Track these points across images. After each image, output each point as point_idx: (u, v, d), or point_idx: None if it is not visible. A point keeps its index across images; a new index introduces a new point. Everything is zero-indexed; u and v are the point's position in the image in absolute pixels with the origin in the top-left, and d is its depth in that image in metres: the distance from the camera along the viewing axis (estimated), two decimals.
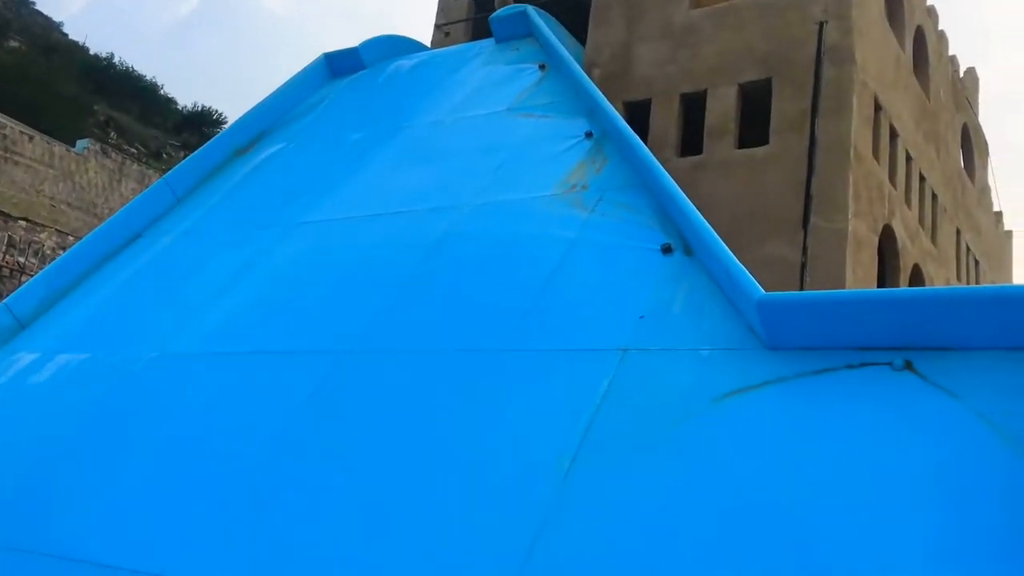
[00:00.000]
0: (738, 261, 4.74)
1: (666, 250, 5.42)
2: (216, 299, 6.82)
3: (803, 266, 8.76)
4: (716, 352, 4.43)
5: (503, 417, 4.62)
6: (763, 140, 9.82)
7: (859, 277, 8.98)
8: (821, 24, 9.78)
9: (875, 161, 10.08)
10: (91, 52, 34.03)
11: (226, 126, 13.74)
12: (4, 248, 19.94)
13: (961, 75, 15.99)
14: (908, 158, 11.62)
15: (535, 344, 5.04)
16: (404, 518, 4.21)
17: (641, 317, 4.88)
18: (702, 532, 3.51)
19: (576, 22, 11.62)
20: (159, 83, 35.44)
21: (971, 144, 16.41)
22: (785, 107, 9.71)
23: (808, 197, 9.07)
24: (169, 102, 35.34)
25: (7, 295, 8.65)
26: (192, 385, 5.87)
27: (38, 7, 35.33)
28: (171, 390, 5.89)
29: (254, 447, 5.02)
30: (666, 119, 10.45)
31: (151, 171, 25.19)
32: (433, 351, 5.36)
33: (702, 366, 4.38)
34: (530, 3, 11.31)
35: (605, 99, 7.72)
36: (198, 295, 6.94)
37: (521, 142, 7.73)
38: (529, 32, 10.25)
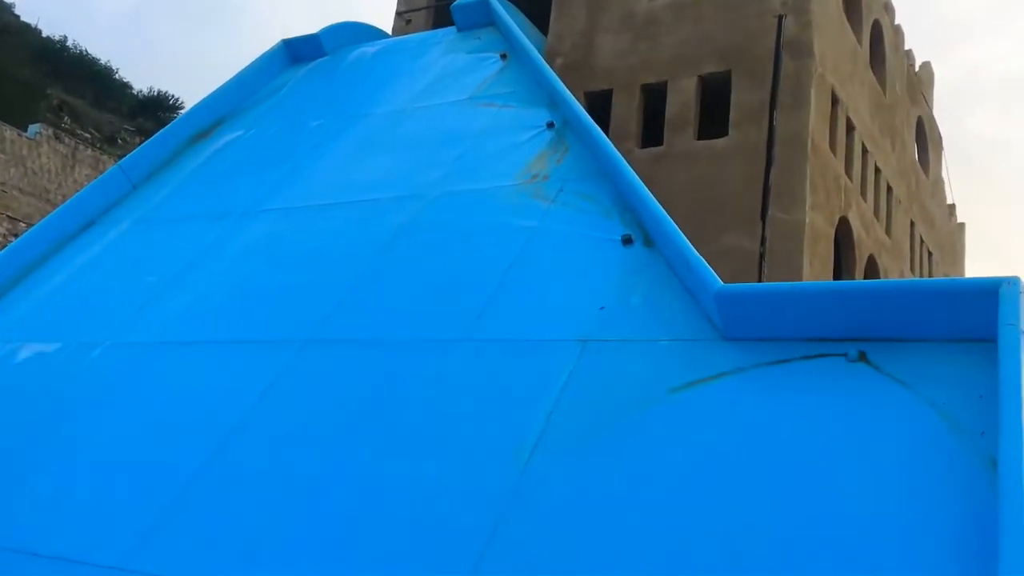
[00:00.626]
0: (697, 252, 4.79)
1: (626, 241, 5.45)
2: (173, 288, 6.73)
3: (761, 257, 8.88)
4: (675, 343, 4.47)
5: (461, 408, 4.62)
6: (723, 132, 9.92)
7: (816, 269, 9.12)
8: (780, 17, 9.89)
9: (832, 154, 10.23)
10: (44, 34, 33.26)
11: (183, 112, 13.52)
12: None
13: (916, 69, 16.26)
14: (864, 151, 11.81)
15: (494, 334, 5.05)
16: (360, 508, 4.19)
17: (601, 308, 4.90)
18: (658, 521, 3.54)
19: (538, 11, 11.61)
20: (114, 67, 34.73)
21: (925, 137, 16.71)
22: (744, 99, 9.81)
23: (766, 189, 9.19)
24: (125, 87, 34.65)
25: None
26: (149, 374, 5.79)
27: None
28: (127, 380, 5.81)
29: (213, 436, 4.97)
30: (627, 110, 10.51)
31: (106, 157, 24.75)
32: (391, 341, 5.34)
33: (661, 357, 4.42)
34: None
35: (567, 89, 7.73)
36: (154, 284, 6.84)
37: (482, 131, 7.72)
38: (491, 20, 10.21)
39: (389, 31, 12.93)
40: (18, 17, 34.06)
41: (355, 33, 11.60)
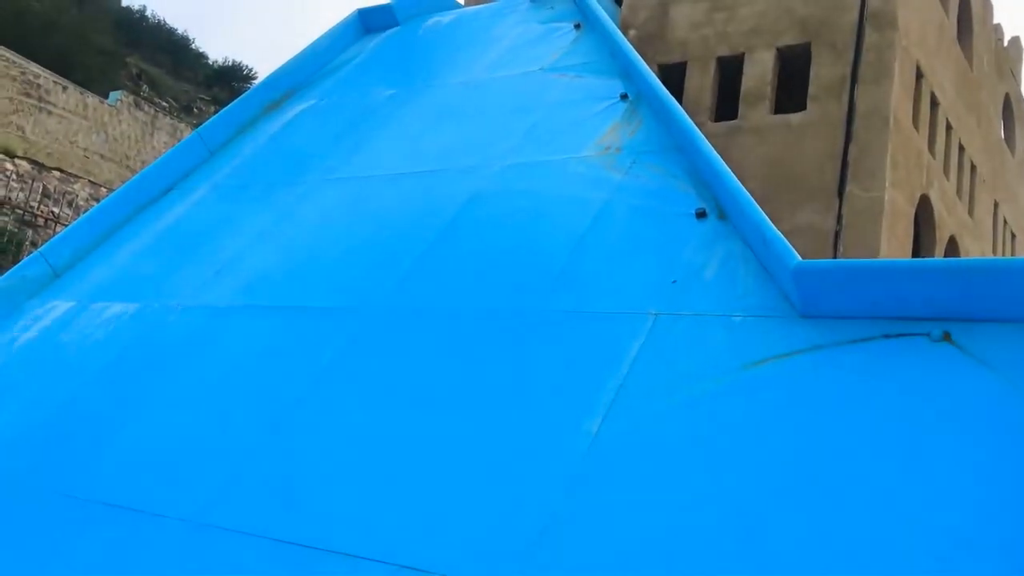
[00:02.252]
0: (774, 227, 4.68)
1: (700, 215, 5.36)
2: (247, 253, 6.86)
3: (837, 235, 8.66)
4: (749, 318, 4.39)
5: (531, 378, 4.61)
6: (800, 106, 9.68)
7: (894, 247, 8.87)
8: None
9: (914, 130, 9.90)
10: (123, 3, 34.05)
11: (257, 81, 13.72)
12: (39, 198, 20.14)
13: (1005, 44, 15.62)
14: (948, 127, 11.41)
15: (565, 306, 5.02)
16: (430, 476, 4.23)
17: (674, 281, 4.84)
18: (728, 499, 3.49)
19: None
20: (190, 37, 35.45)
21: (1012, 115, 16.08)
22: (824, 72, 9.54)
23: (844, 165, 8.94)
24: (200, 56, 35.35)
25: (42, 244, 8.75)
26: (225, 335, 5.93)
27: None
28: (203, 341, 5.95)
29: (286, 396, 5.07)
30: (701, 82, 10.32)
31: (183, 125, 25.28)
32: (462, 311, 5.36)
33: (734, 332, 4.34)
34: None
35: (641, 60, 7.60)
36: (230, 248, 6.98)
37: (554, 102, 7.65)
38: None
39: (462, 1, 12.88)
40: None
41: (429, 3, 11.59)
